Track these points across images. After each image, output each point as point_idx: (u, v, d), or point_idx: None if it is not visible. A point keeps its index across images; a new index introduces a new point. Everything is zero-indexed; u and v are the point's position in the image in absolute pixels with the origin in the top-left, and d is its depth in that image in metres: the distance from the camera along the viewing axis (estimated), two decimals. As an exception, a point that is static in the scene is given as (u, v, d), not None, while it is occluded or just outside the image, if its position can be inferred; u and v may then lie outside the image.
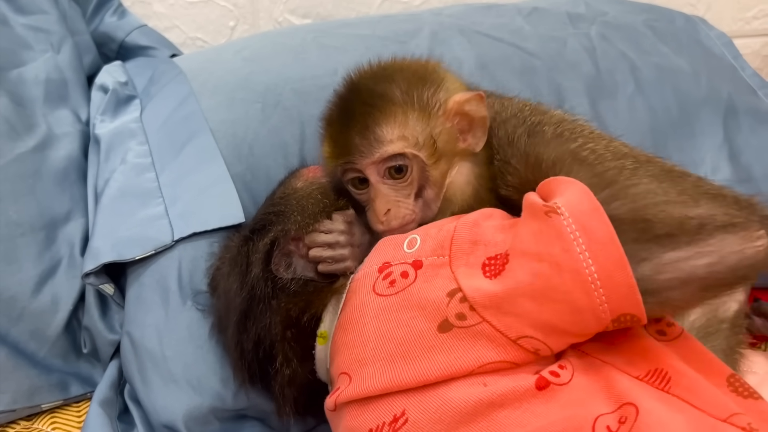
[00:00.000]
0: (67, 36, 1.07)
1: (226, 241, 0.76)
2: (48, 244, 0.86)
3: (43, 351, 0.84)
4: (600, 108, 0.94)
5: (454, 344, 0.56)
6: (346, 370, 0.61)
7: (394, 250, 0.64)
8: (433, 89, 0.70)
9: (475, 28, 1.03)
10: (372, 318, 0.60)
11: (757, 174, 0.93)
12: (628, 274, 0.51)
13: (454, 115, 0.70)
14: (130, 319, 0.78)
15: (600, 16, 1.09)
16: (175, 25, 1.32)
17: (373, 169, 0.69)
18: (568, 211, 0.53)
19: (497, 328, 0.55)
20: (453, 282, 0.57)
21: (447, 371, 0.55)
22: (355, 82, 0.72)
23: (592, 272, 0.51)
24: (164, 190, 0.82)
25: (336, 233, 0.69)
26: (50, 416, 0.85)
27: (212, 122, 0.87)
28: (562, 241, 0.52)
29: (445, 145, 0.69)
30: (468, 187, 0.71)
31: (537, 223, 0.55)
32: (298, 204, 0.70)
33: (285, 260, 0.68)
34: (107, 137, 0.92)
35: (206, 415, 0.73)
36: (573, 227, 0.52)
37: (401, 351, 0.57)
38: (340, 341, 0.63)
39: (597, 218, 0.52)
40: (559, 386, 0.54)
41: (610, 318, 0.52)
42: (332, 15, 1.36)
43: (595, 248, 0.51)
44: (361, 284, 0.64)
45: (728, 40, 1.12)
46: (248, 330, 0.67)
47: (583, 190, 0.55)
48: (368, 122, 0.68)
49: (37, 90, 0.96)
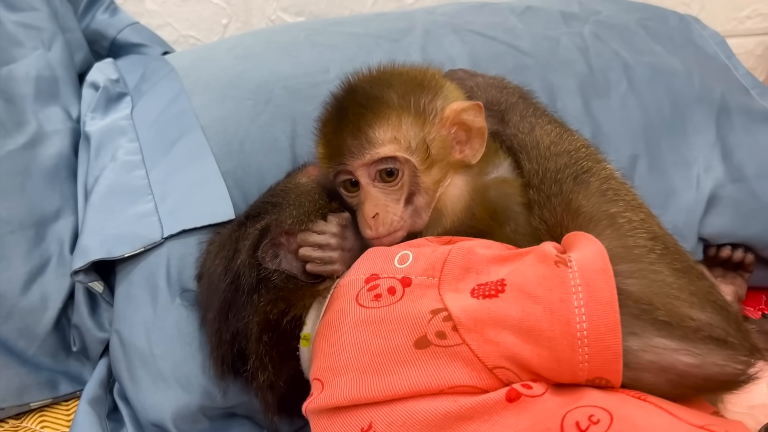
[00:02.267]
0: (58, 33, 1.06)
1: (221, 228, 0.76)
2: (37, 241, 0.86)
3: (32, 349, 0.83)
4: (593, 107, 0.94)
5: (428, 362, 0.55)
6: (320, 377, 0.60)
7: (384, 262, 0.63)
8: (430, 96, 0.69)
9: (468, 27, 1.03)
10: (350, 327, 0.59)
11: (749, 173, 0.93)
12: (617, 341, 0.51)
13: (451, 124, 0.69)
14: (119, 317, 0.77)
15: (593, 15, 1.09)
16: (167, 23, 1.32)
17: (364, 171, 0.68)
18: (578, 265, 0.54)
19: (476, 353, 0.54)
20: (439, 303, 0.56)
21: (416, 388, 0.54)
22: (352, 85, 0.72)
23: (582, 328, 0.51)
24: (154, 187, 0.82)
25: (328, 235, 0.68)
26: (39, 415, 0.84)
27: (203, 119, 0.87)
28: (563, 291, 0.53)
29: (438, 152, 0.68)
30: (460, 201, 0.70)
31: (543, 268, 0.55)
32: (296, 199, 0.70)
33: (273, 251, 0.68)
34: (98, 134, 0.91)
35: (195, 413, 0.72)
36: (577, 281, 0.53)
37: (375, 363, 0.56)
38: (317, 346, 0.63)
39: (603, 279, 0.53)
40: (531, 398, 0.53)
41: (586, 377, 0.52)
42: (325, 13, 1.36)
43: (593, 306, 0.52)
44: (345, 291, 0.63)
45: (721, 40, 1.12)
46: (229, 321, 0.66)
47: (600, 250, 0.55)
48: (361, 124, 0.67)
49: (27, 87, 0.96)
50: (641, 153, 0.92)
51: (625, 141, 0.92)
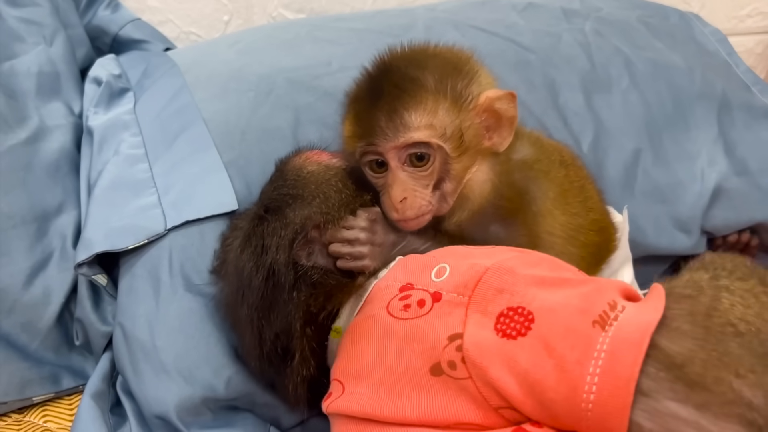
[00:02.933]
0: (60, 29, 1.06)
1: (234, 222, 0.75)
2: (40, 236, 0.86)
3: (34, 344, 0.83)
4: (594, 102, 0.94)
5: (439, 391, 0.53)
6: (342, 379, 0.60)
7: (421, 273, 0.61)
8: (466, 81, 0.68)
9: (470, 23, 1.03)
10: (377, 337, 0.59)
11: (752, 168, 0.94)
12: (622, 424, 0.46)
13: (483, 111, 0.68)
14: (122, 309, 0.77)
15: (594, 11, 1.09)
16: (168, 19, 1.32)
17: (395, 154, 0.67)
18: (615, 330, 0.48)
19: (481, 392, 0.52)
20: (461, 326, 0.54)
21: (425, 417, 0.53)
22: (387, 63, 0.70)
23: (589, 400, 0.46)
24: (157, 180, 0.82)
25: (357, 230, 0.67)
26: (42, 409, 0.84)
27: (205, 113, 0.87)
28: (584, 353, 0.48)
29: (471, 140, 0.68)
30: (486, 185, 0.70)
31: (578, 321, 0.50)
32: (318, 190, 0.68)
33: (308, 248, 0.67)
34: (100, 129, 0.91)
35: (198, 405, 0.72)
36: (604, 347, 0.47)
37: (393, 382, 0.56)
38: (345, 346, 0.63)
39: (632, 353, 0.46)
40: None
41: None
42: (326, 10, 1.36)
43: (607, 380, 0.46)
44: (380, 296, 0.62)
45: (722, 37, 1.13)
46: (271, 320, 0.65)
47: (650, 320, 0.48)
48: (397, 105, 0.66)
49: (29, 82, 0.96)
50: (644, 147, 0.92)
51: (627, 135, 0.92)
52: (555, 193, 0.71)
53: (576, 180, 0.74)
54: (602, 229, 0.76)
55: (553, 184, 0.71)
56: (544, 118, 0.92)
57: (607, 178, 0.89)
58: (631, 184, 0.90)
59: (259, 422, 0.77)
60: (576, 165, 0.77)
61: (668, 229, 0.90)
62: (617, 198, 0.87)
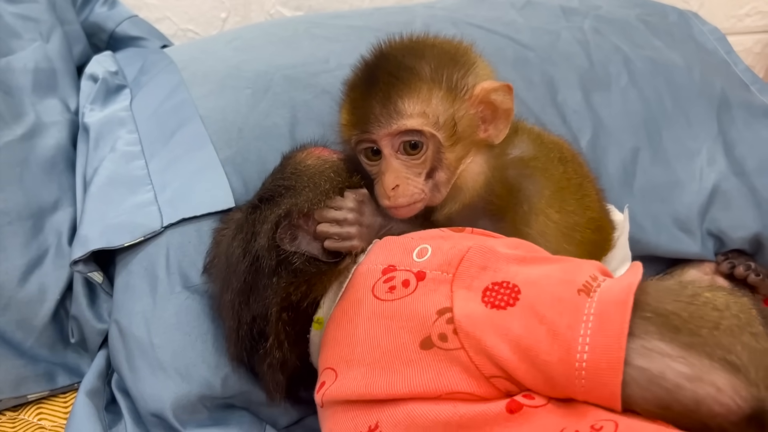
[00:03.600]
0: (57, 25, 1.06)
1: (228, 215, 0.75)
2: (35, 233, 0.85)
3: (29, 341, 0.82)
4: (593, 99, 0.94)
5: (430, 364, 0.54)
6: (333, 366, 0.60)
7: (402, 254, 0.62)
8: (462, 71, 0.68)
9: (468, 20, 1.03)
10: (365, 320, 0.59)
11: (749, 167, 0.93)
12: (616, 380, 0.47)
13: (479, 102, 0.68)
14: (118, 307, 0.77)
15: (593, 10, 1.09)
16: (166, 17, 1.31)
17: (388, 141, 0.68)
18: (600, 295, 0.51)
19: (473, 360, 0.52)
20: (448, 300, 0.55)
21: (416, 390, 0.53)
22: (384, 52, 0.71)
23: (582, 359, 0.48)
24: (153, 177, 0.82)
25: (345, 210, 0.67)
26: (37, 407, 0.83)
27: (202, 110, 0.86)
28: (573, 317, 0.50)
29: (465, 130, 0.68)
30: (480, 177, 0.70)
31: (563, 290, 0.52)
32: (310, 180, 0.68)
33: (291, 232, 0.66)
34: (96, 126, 0.91)
35: (195, 403, 0.72)
36: (592, 310, 0.50)
37: (384, 361, 0.56)
38: (331, 334, 0.63)
39: (618, 312, 0.49)
40: (533, 408, 0.50)
41: (582, 399, 0.50)
42: (324, 7, 1.36)
43: (598, 339, 0.48)
44: (362, 280, 0.62)
45: (721, 35, 1.13)
46: (249, 303, 0.66)
47: (630, 282, 0.51)
48: (391, 93, 0.66)
49: (25, 79, 0.95)
50: (643, 145, 0.92)
51: (626, 133, 0.92)
52: (551, 191, 0.70)
53: (574, 177, 0.74)
54: (599, 227, 0.76)
55: (550, 181, 0.71)
56: (543, 115, 0.91)
57: (605, 176, 0.89)
58: (630, 182, 0.90)
59: (255, 421, 0.76)
60: (576, 162, 0.77)
61: (668, 227, 0.89)
62: (616, 196, 0.87)
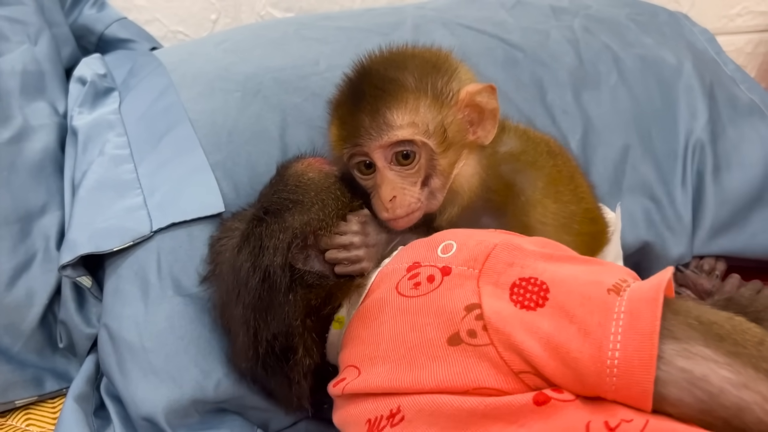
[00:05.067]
0: (45, 28, 1.05)
1: (226, 223, 0.75)
2: (23, 237, 0.84)
3: (17, 346, 0.82)
4: (583, 98, 0.94)
5: (458, 359, 0.53)
6: (357, 364, 0.60)
7: (427, 251, 0.62)
8: (446, 78, 0.69)
9: (458, 21, 1.03)
10: (390, 317, 0.59)
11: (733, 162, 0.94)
12: (649, 377, 0.46)
13: (465, 105, 0.69)
14: (108, 311, 0.76)
15: (583, 9, 1.09)
16: (155, 18, 1.31)
17: (381, 154, 0.68)
18: (630, 294, 0.50)
19: (502, 356, 0.52)
20: (476, 296, 0.55)
21: (443, 384, 0.53)
22: (366, 67, 0.71)
23: (614, 356, 0.47)
24: (142, 181, 0.81)
25: (350, 234, 0.68)
26: (25, 413, 0.83)
27: (191, 113, 0.86)
28: (604, 316, 0.49)
29: (455, 135, 0.68)
30: (474, 178, 0.71)
31: (593, 289, 0.52)
32: (317, 197, 0.69)
33: (304, 252, 0.67)
34: (85, 129, 0.90)
35: (187, 407, 0.71)
36: (622, 308, 0.49)
37: (409, 356, 0.56)
38: (354, 332, 0.63)
39: (649, 309, 0.48)
40: (562, 402, 0.49)
41: (612, 398, 0.49)
42: (315, 9, 1.35)
43: (630, 336, 0.47)
44: (387, 279, 0.62)
45: (711, 36, 1.13)
46: (268, 322, 0.65)
47: (659, 280, 0.50)
48: (379, 105, 0.67)
49: (13, 81, 0.94)
50: (633, 143, 0.92)
51: (616, 132, 0.92)
52: (544, 183, 0.71)
53: (565, 170, 0.75)
54: (594, 219, 0.77)
55: (542, 173, 0.72)
56: (533, 115, 0.91)
57: (595, 174, 0.89)
58: (620, 180, 0.90)
59: (246, 425, 0.76)
60: (564, 155, 0.78)
61: (657, 226, 0.89)
62: (606, 194, 0.87)
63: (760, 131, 0.98)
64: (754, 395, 0.45)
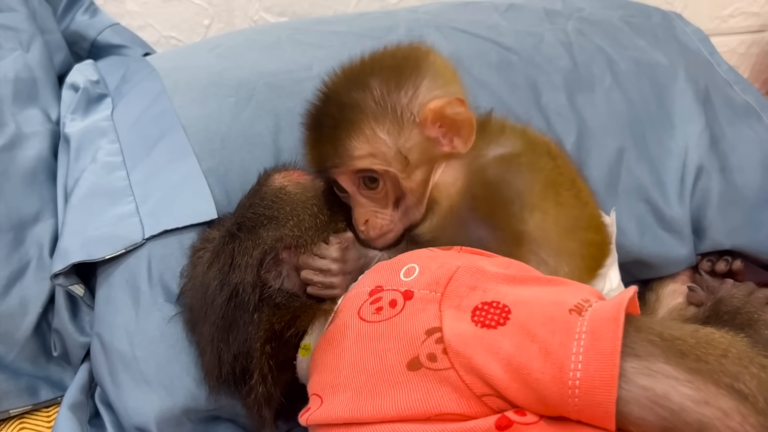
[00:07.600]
0: (37, 34, 1.04)
1: (205, 233, 0.74)
2: (16, 245, 0.84)
3: (11, 355, 0.81)
4: (577, 101, 0.94)
5: (418, 385, 0.53)
6: (320, 392, 0.59)
7: (389, 274, 0.61)
8: (409, 95, 0.66)
9: (451, 24, 1.03)
10: (351, 343, 0.58)
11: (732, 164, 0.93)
12: (610, 398, 0.46)
13: (432, 122, 0.67)
14: (100, 320, 0.76)
15: (576, 12, 1.09)
16: (148, 24, 1.30)
17: (347, 180, 0.68)
18: (591, 313, 0.50)
19: (463, 379, 0.51)
20: (437, 320, 0.54)
21: (404, 412, 0.52)
22: (329, 90, 0.70)
23: (576, 377, 0.47)
24: (135, 188, 0.81)
25: (329, 260, 0.67)
26: (19, 421, 0.82)
27: (184, 119, 0.86)
28: (565, 336, 0.49)
29: (420, 155, 0.67)
30: (456, 184, 0.69)
31: (555, 310, 0.51)
32: (293, 212, 0.68)
33: (276, 269, 0.66)
34: (77, 136, 0.90)
35: (179, 416, 0.71)
36: (583, 328, 0.49)
37: (370, 384, 0.55)
38: (318, 359, 0.62)
39: (610, 329, 0.48)
40: (525, 425, 0.49)
41: (575, 418, 0.49)
42: (308, 13, 1.35)
43: (591, 356, 0.47)
44: (350, 304, 0.61)
45: (704, 36, 1.13)
46: (230, 342, 0.64)
47: (620, 300, 0.50)
48: (338, 134, 0.66)
49: (5, 89, 0.94)
50: (628, 146, 0.91)
51: (611, 134, 0.92)
52: (542, 185, 0.69)
53: (566, 172, 0.73)
54: (599, 227, 0.75)
55: (539, 175, 0.70)
56: (527, 118, 0.91)
57: (590, 177, 0.88)
58: (615, 183, 0.90)
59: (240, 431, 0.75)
60: (564, 159, 0.76)
61: (653, 228, 0.89)
62: (601, 198, 0.86)
63: (758, 132, 0.98)
64: (715, 411, 0.45)
